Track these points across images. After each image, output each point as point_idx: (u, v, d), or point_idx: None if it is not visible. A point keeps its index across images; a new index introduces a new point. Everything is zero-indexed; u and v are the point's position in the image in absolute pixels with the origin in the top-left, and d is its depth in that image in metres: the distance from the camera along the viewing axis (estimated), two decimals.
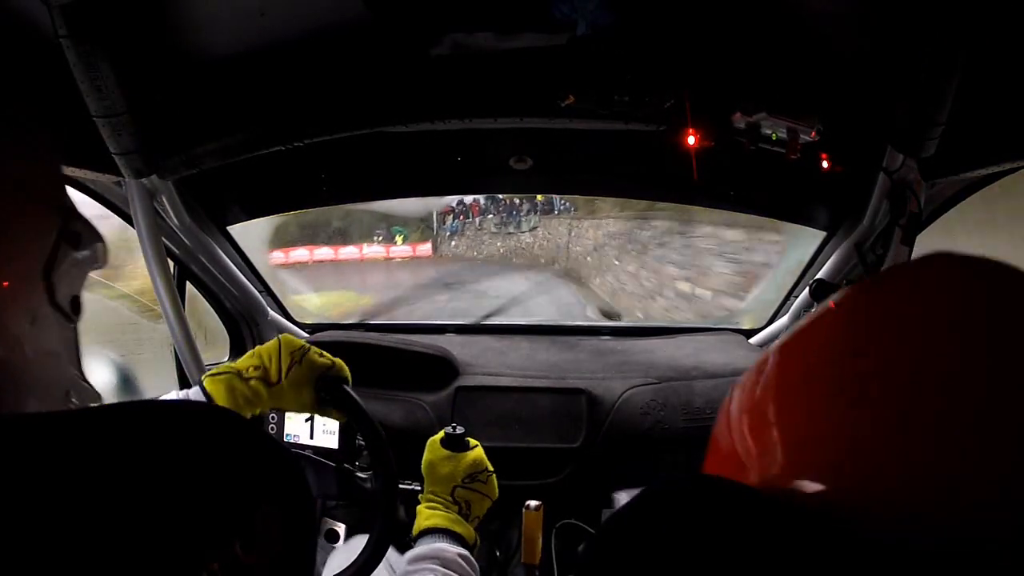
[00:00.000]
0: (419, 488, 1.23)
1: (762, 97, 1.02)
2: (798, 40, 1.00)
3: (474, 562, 0.81)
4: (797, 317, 1.51)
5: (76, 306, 0.45)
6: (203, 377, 0.80)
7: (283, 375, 0.81)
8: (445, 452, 0.92)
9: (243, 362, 0.82)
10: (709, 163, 1.12)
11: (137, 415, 0.37)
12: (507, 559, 1.42)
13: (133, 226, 1.18)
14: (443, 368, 1.42)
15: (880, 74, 1.01)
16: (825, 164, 1.10)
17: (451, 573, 0.77)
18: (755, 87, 1.03)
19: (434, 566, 0.76)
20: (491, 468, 0.93)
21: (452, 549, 0.80)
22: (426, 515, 0.86)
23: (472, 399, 1.38)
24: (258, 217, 1.53)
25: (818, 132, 1.04)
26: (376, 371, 1.40)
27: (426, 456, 0.93)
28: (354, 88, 1.09)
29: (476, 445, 0.96)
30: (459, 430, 1.30)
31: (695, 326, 1.79)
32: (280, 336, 0.85)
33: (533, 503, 1.11)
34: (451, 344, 1.51)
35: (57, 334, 0.43)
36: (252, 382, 0.80)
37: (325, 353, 0.87)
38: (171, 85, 1.05)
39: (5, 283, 0.38)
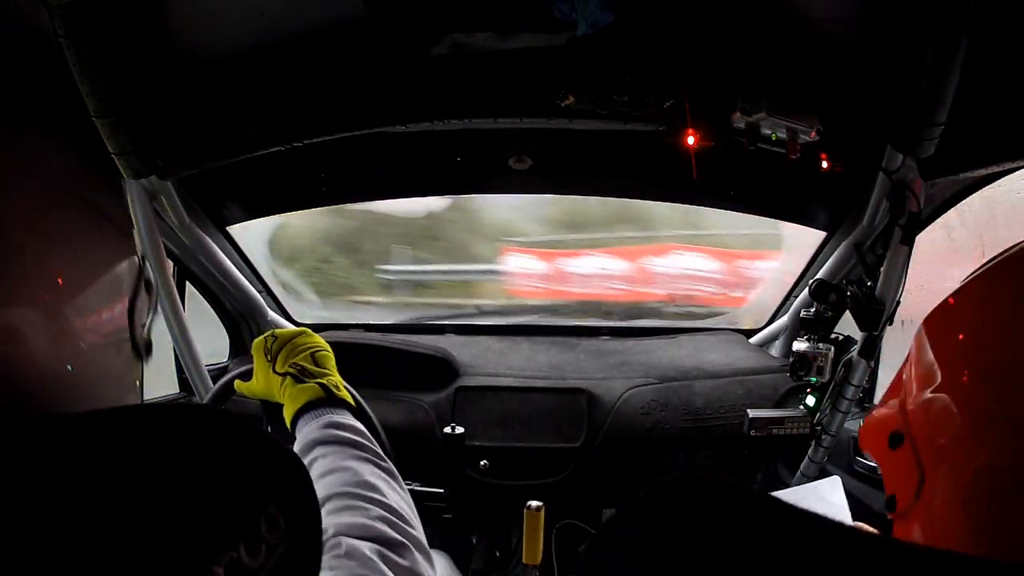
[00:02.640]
0: (420, 488, 1.23)
1: (762, 97, 1.02)
2: (798, 40, 1.00)
3: (365, 432, 0.67)
4: (797, 317, 1.51)
5: (149, 347, 0.47)
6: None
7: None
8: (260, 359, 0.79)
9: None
10: (709, 163, 1.12)
11: (140, 418, 0.37)
12: (507, 559, 1.42)
13: (133, 227, 1.18)
14: (443, 369, 1.42)
15: (880, 74, 1.01)
16: (825, 164, 1.10)
17: (345, 447, 0.62)
18: (755, 87, 1.03)
19: (322, 450, 0.61)
20: (297, 325, 0.82)
21: (335, 418, 0.66)
22: (279, 397, 0.72)
23: (472, 399, 1.38)
24: (258, 217, 1.53)
25: (818, 132, 1.04)
26: (376, 372, 1.40)
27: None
28: (354, 88, 1.09)
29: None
30: (459, 430, 1.31)
31: (695, 326, 1.79)
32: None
33: (534, 504, 1.11)
34: (451, 344, 1.51)
35: (130, 367, 0.44)
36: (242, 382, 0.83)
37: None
38: (170, 85, 1.05)
39: (60, 279, 0.38)
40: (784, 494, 1.15)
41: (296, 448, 0.65)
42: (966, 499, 0.36)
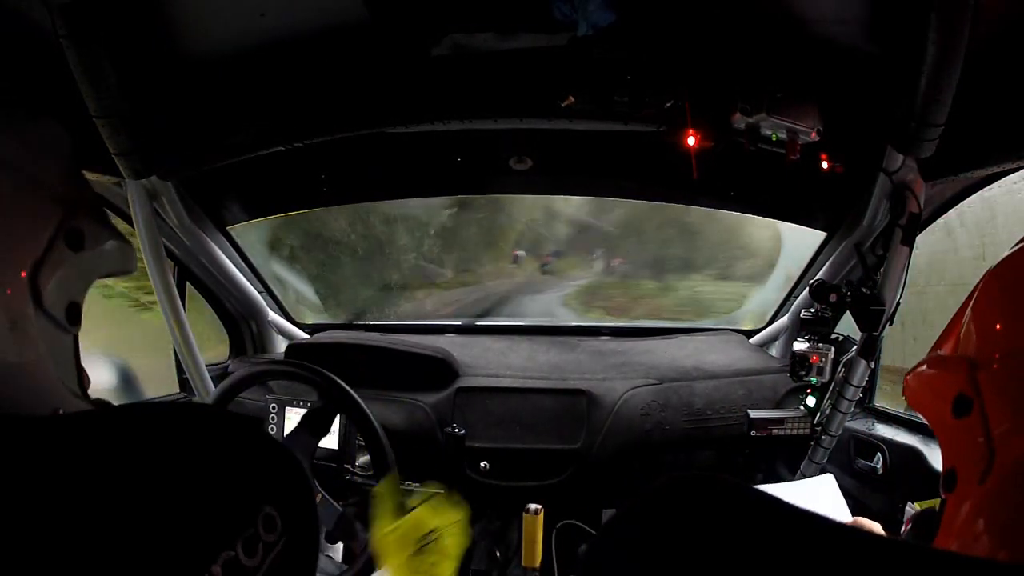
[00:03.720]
0: (420, 488, 1.23)
1: (762, 97, 1.02)
2: (798, 41, 1.00)
3: None
4: (797, 317, 1.51)
5: (73, 314, 0.40)
6: None
7: None
8: (390, 525, 0.80)
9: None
10: (709, 163, 1.12)
11: (140, 418, 0.37)
12: (507, 560, 1.42)
13: (133, 227, 1.18)
14: (443, 369, 1.42)
15: (880, 74, 1.01)
16: (825, 164, 1.10)
17: None
18: (755, 88, 1.03)
19: None
20: (439, 524, 0.82)
21: None
22: None
23: (472, 400, 1.38)
24: (258, 218, 1.54)
25: (818, 132, 1.04)
26: (376, 372, 1.40)
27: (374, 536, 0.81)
28: (355, 89, 1.09)
29: (422, 496, 0.84)
30: (460, 431, 1.31)
31: (695, 326, 1.79)
32: None
33: (533, 507, 1.11)
34: (451, 345, 1.51)
35: (43, 343, 0.38)
36: None
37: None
38: (171, 85, 1.05)
39: None
40: (773, 489, 1.15)
41: None
42: None
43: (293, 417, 1.35)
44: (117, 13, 0.88)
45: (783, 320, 1.59)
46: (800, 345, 1.32)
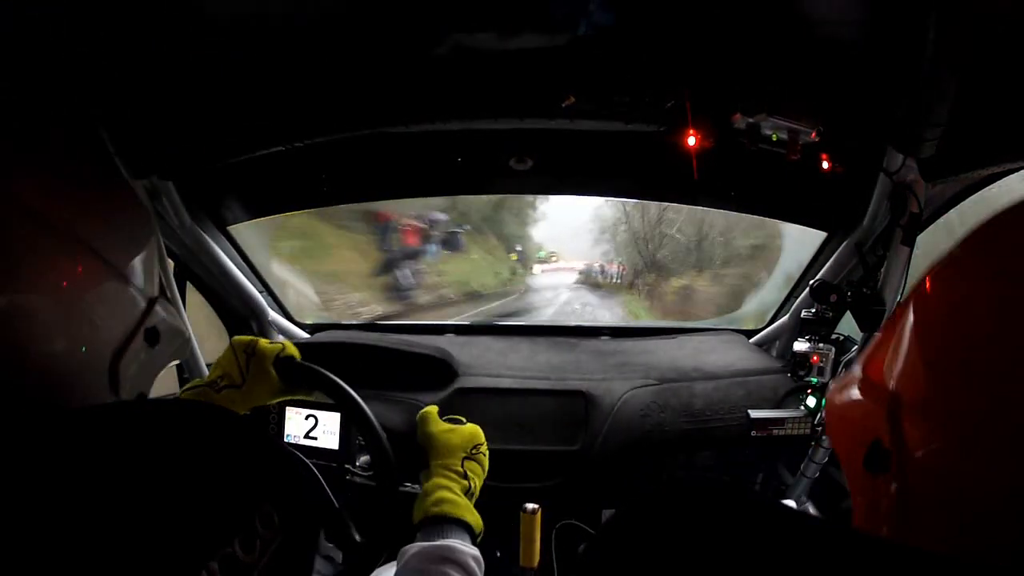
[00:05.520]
0: (420, 489, 1.23)
1: (763, 98, 1.02)
2: (799, 41, 1.00)
3: (482, 561, 0.75)
4: (798, 317, 1.51)
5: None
6: (180, 393, 0.80)
7: (244, 373, 0.83)
8: (447, 424, 0.91)
9: (211, 374, 0.83)
10: (710, 163, 1.12)
11: (141, 414, 0.37)
12: (507, 560, 1.42)
13: None
14: (443, 369, 1.42)
15: (880, 74, 1.01)
16: (825, 164, 1.10)
17: None
18: (755, 88, 1.03)
19: (452, 572, 0.69)
20: (484, 441, 0.92)
21: (466, 550, 0.73)
22: (436, 496, 0.80)
23: (471, 401, 1.38)
24: (258, 217, 1.54)
25: (819, 133, 1.04)
26: (375, 372, 1.40)
27: (427, 428, 0.91)
28: (354, 88, 1.09)
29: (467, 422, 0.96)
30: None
31: (695, 326, 1.79)
32: (231, 340, 0.86)
33: (530, 506, 1.11)
34: (451, 345, 1.51)
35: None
36: (224, 391, 0.81)
37: (274, 341, 0.89)
38: (172, 84, 1.05)
39: (79, 268, 0.38)
40: None
41: (424, 534, 0.76)
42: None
43: (294, 417, 1.35)
44: (117, 12, 0.88)
45: (784, 320, 1.59)
46: (801, 345, 1.32)
